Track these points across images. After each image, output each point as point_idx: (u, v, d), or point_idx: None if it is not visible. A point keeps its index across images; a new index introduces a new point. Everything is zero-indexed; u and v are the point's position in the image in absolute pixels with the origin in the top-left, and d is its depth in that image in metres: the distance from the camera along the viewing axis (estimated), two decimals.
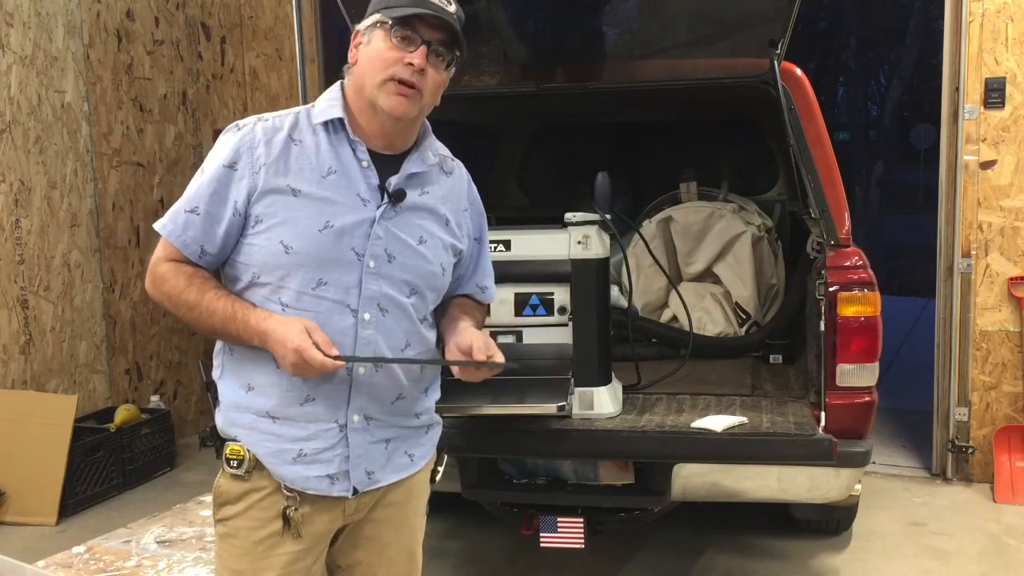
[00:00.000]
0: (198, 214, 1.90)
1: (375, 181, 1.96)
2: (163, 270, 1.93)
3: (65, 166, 5.15)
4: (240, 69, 6.36)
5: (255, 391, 1.94)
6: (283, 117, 1.97)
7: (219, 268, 1.98)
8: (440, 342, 2.12)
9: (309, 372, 1.84)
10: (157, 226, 1.94)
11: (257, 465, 1.94)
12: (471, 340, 1.99)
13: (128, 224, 5.59)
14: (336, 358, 1.83)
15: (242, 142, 1.91)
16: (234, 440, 1.96)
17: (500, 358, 1.99)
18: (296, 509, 1.94)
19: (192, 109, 6.08)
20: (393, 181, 1.97)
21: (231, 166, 1.90)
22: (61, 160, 5.13)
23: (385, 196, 1.95)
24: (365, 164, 1.96)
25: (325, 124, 1.95)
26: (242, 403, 1.96)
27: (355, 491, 1.98)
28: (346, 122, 1.95)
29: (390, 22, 1.89)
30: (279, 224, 1.89)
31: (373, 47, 1.91)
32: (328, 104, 1.98)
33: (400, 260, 1.96)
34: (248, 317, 1.87)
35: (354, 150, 1.96)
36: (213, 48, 6.22)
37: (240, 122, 1.96)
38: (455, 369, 2.02)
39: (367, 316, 1.93)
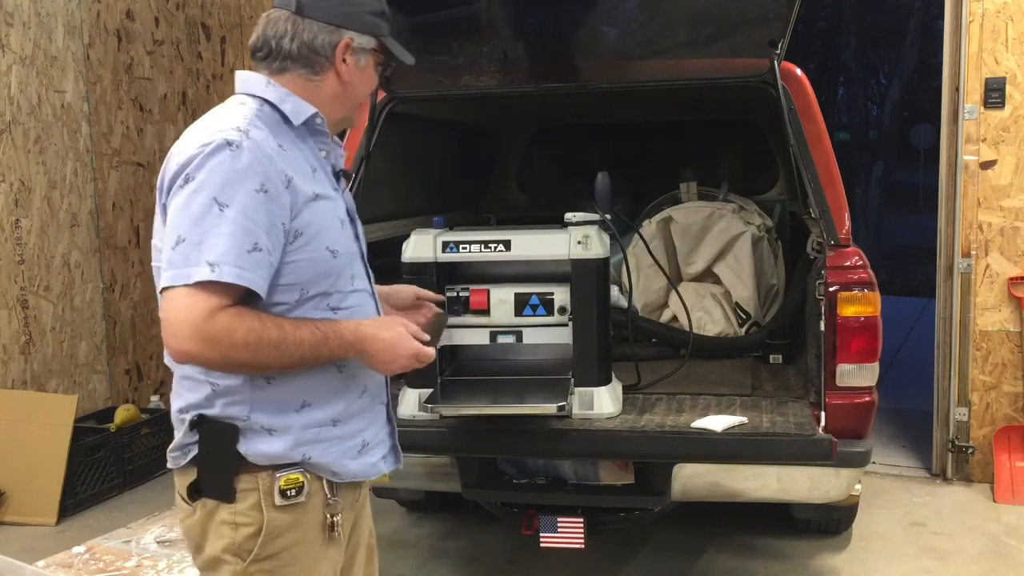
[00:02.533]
0: (260, 249, 1.74)
1: (330, 168, 2.01)
2: (225, 321, 1.71)
3: (65, 166, 5.15)
4: (240, 69, 6.35)
5: (311, 405, 1.88)
6: (256, 126, 1.84)
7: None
8: None
9: (410, 368, 1.91)
10: (226, 276, 1.70)
11: (309, 481, 1.89)
12: (416, 293, 2.26)
13: (128, 224, 5.59)
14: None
15: (259, 161, 1.77)
16: (294, 466, 1.86)
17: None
18: (338, 513, 1.94)
19: (192, 109, 6.07)
20: (340, 164, 2.03)
21: (263, 189, 1.76)
22: (61, 160, 5.13)
23: (341, 180, 2.02)
24: (325, 155, 1.99)
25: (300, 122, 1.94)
26: (300, 422, 1.87)
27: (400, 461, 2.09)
28: (319, 117, 1.96)
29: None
30: (318, 232, 1.86)
31: (367, 75, 1.99)
32: (294, 103, 1.92)
33: (360, 235, 2.05)
34: (342, 333, 1.83)
35: (319, 143, 1.97)
36: (213, 48, 6.22)
37: (230, 140, 1.77)
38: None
39: (376, 295, 2.03)
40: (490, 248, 3.24)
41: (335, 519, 1.93)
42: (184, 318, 1.71)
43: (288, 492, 1.86)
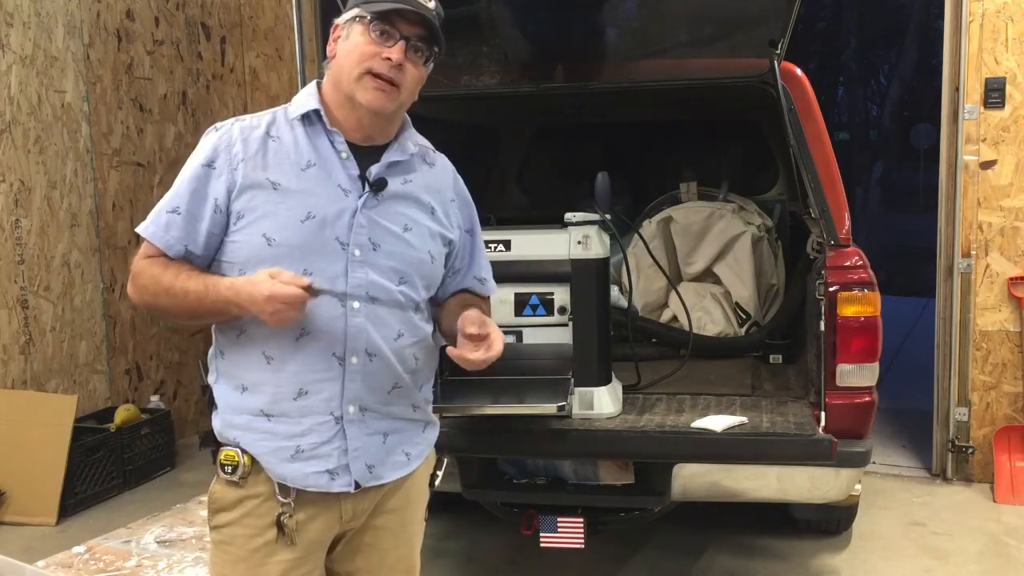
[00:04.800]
0: (179, 214, 1.91)
1: (355, 171, 1.97)
2: (141, 266, 1.93)
3: (65, 166, 5.15)
4: (240, 69, 6.36)
5: (249, 391, 1.94)
6: (261, 116, 2.00)
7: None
8: (450, 338, 2.10)
9: (289, 311, 1.80)
10: (139, 229, 1.95)
11: (252, 470, 1.93)
12: (463, 320, 1.96)
13: (128, 224, 5.59)
14: (308, 288, 1.81)
15: (220, 141, 1.94)
16: (231, 444, 1.94)
17: (498, 338, 1.95)
18: (291, 516, 1.93)
19: (192, 109, 6.08)
20: (374, 170, 1.98)
21: (209, 164, 1.92)
22: (61, 160, 5.13)
23: (366, 186, 1.97)
24: (344, 155, 1.96)
25: (302, 117, 1.97)
26: (237, 404, 1.95)
27: (357, 486, 1.96)
28: (322, 113, 1.97)
29: (369, 16, 1.91)
30: (260, 218, 1.90)
31: (351, 41, 1.93)
32: (304, 99, 2.00)
33: (385, 248, 1.97)
34: (218, 287, 1.87)
35: (332, 141, 1.97)
36: (213, 48, 6.22)
37: (218, 124, 1.98)
38: (458, 358, 1.98)
39: (356, 305, 1.93)
40: (490, 248, 3.23)
41: (282, 519, 1.92)
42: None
43: (226, 467, 1.94)
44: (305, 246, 1.90)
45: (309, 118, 1.97)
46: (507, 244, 3.27)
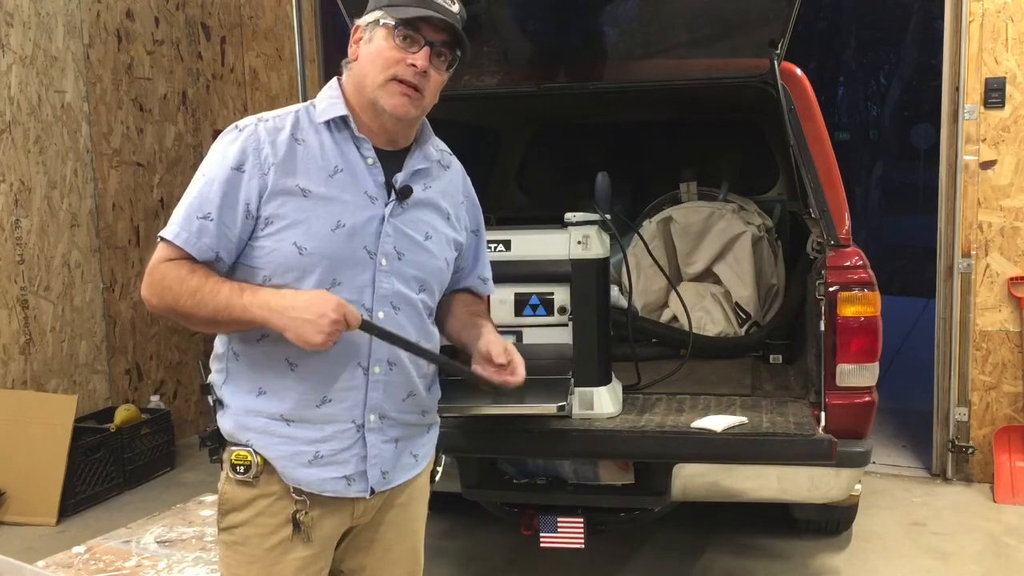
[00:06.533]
0: (211, 220, 1.85)
1: (381, 178, 1.96)
2: (164, 268, 1.86)
3: (65, 166, 5.15)
4: (240, 69, 6.36)
5: (267, 395, 1.92)
6: (283, 117, 1.94)
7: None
8: (457, 347, 2.13)
9: (333, 335, 1.77)
10: (168, 234, 1.87)
11: (264, 469, 1.92)
12: (489, 347, 2.01)
13: (128, 224, 5.59)
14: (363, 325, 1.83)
15: (247, 143, 1.88)
16: (243, 445, 1.92)
17: (519, 363, 2.02)
18: (306, 513, 1.93)
19: (192, 109, 6.08)
20: (400, 178, 1.97)
21: (239, 168, 1.86)
22: (61, 160, 5.13)
23: (392, 193, 1.95)
24: (371, 162, 1.95)
25: (327, 122, 1.94)
26: (253, 407, 1.93)
27: (372, 491, 1.98)
28: (350, 120, 1.95)
29: (394, 22, 1.89)
30: (290, 226, 1.86)
31: (375, 45, 1.91)
32: (330, 102, 1.96)
33: (409, 257, 1.97)
34: (257, 289, 1.84)
35: (359, 148, 1.95)
36: (213, 48, 6.22)
37: (239, 123, 1.92)
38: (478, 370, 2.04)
39: (381, 314, 1.93)
40: (490, 248, 3.22)
41: (298, 516, 1.92)
42: (148, 266, 1.91)
43: (238, 468, 1.92)
44: (336, 256, 1.88)
45: (336, 123, 1.95)
46: (507, 244, 3.27)
